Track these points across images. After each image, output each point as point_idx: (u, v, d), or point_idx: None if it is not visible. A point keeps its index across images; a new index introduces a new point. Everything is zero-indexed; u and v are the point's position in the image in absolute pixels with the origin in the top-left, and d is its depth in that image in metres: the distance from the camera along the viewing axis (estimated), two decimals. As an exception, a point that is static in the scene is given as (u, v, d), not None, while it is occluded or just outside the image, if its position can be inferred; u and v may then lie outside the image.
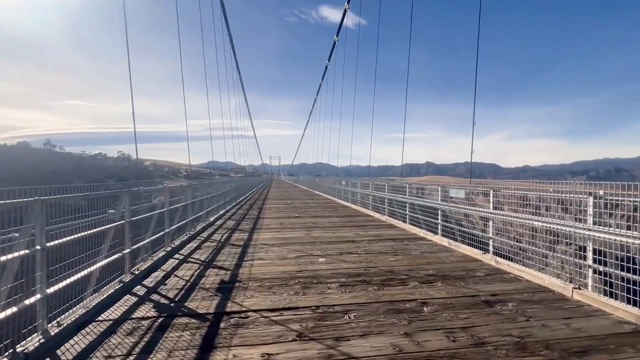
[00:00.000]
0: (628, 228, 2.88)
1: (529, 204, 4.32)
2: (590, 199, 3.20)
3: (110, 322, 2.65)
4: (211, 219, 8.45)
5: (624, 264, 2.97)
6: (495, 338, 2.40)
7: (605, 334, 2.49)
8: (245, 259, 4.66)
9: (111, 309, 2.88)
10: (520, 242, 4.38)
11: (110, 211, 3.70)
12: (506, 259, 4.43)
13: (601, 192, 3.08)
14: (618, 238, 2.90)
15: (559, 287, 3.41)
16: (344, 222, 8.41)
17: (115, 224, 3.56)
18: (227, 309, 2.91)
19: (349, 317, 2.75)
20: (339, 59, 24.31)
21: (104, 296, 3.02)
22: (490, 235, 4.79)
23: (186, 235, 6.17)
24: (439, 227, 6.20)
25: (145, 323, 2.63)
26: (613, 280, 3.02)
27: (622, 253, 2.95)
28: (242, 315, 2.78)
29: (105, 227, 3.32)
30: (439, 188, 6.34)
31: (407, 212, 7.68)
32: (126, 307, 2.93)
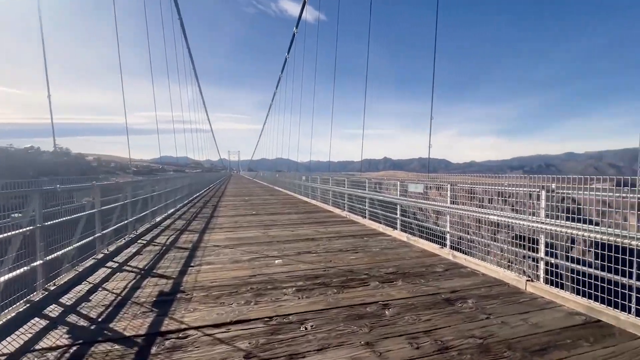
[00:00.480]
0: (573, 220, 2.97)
1: (483, 197, 4.39)
2: (543, 193, 3.25)
3: (4, 358, 2.09)
4: (157, 219, 7.68)
5: (573, 255, 3.05)
6: (459, 341, 2.28)
7: (560, 327, 2.50)
8: (191, 265, 4.17)
9: (8, 339, 2.29)
10: (469, 235, 4.45)
11: (15, 215, 3.03)
12: (460, 251, 4.48)
13: (553, 186, 3.13)
14: (569, 230, 2.96)
15: (513, 279, 3.45)
16: (303, 219, 8.13)
17: (20, 230, 2.91)
18: (163, 328, 2.47)
19: (306, 328, 2.47)
20: (299, 52, 23.82)
21: (0, 323, 2.41)
22: (447, 229, 4.82)
23: (124, 239, 5.45)
24: (398, 222, 6.18)
25: (52, 355, 2.11)
26: (563, 272, 3.10)
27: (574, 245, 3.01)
28: (180, 335, 2.37)
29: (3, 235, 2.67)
30: (398, 183, 6.32)
31: (366, 208, 7.61)
32: (30, 335, 2.36)
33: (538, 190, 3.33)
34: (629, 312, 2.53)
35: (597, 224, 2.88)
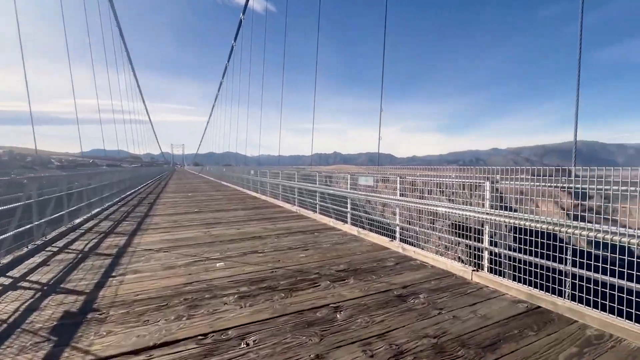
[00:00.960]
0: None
1: (423, 189, 4.44)
2: (487, 184, 3.30)
3: None
4: (77, 221, 6.59)
5: (514, 244, 3.14)
6: (413, 343, 2.15)
7: (506, 317, 2.52)
8: (113, 274, 3.53)
9: None
10: (413, 225, 4.49)
11: None
12: (407, 242, 4.50)
13: (498, 177, 3.19)
14: (511, 220, 3.03)
15: (460, 270, 3.50)
16: (251, 216, 7.66)
17: None
18: (60, 363, 1.94)
19: (247, 344, 2.14)
20: (246, 40, 22.66)
21: None
22: (397, 222, 4.81)
23: (27, 247, 4.50)
24: (348, 216, 6.08)
25: None
26: (505, 261, 3.19)
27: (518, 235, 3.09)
28: (83, 371, 1.87)
29: None
30: (348, 176, 6.21)
31: (317, 202, 7.42)
32: None
33: (482, 181, 3.39)
34: (565, 297, 2.65)
35: (515, 210, 3.07)
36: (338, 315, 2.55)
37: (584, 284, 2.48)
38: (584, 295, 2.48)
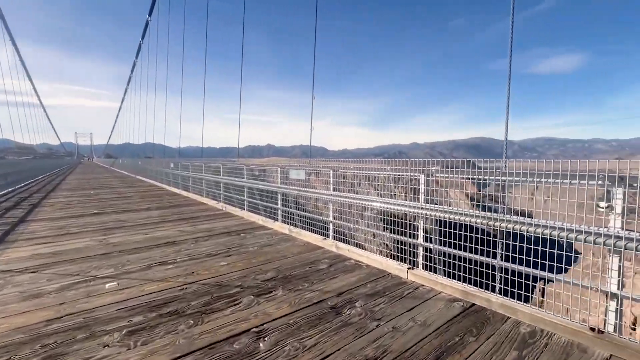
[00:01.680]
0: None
1: (353, 182, 4.22)
2: (422, 177, 3.14)
3: None
4: None
5: (447, 239, 3.04)
6: (351, 372, 1.78)
7: (445, 321, 2.34)
8: None
9: None
10: (346, 221, 4.26)
11: None
12: (342, 241, 4.24)
13: (433, 169, 3.04)
14: (446, 215, 2.90)
15: (396, 269, 3.31)
16: (166, 216, 6.60)
17: None
18: None
19: (126, 412, 1.50)
20: (163, 15, 20.01)
21: None
22: (331, 218, 4.49)
23: None
24: (279, 212, 5.60)
25: None
26: (438, 257, 3.08)
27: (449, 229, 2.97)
28: None
29: None
30: (278, 169, 5.69)
31: (245, 198, 6.74)
32: None
33: (417, 174, 3.22)
34: (497, 293, 2.59)
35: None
36: (261, 344, 2.05)
37: (509, 276, 2.43)
38: (506, 287, 2.44)
